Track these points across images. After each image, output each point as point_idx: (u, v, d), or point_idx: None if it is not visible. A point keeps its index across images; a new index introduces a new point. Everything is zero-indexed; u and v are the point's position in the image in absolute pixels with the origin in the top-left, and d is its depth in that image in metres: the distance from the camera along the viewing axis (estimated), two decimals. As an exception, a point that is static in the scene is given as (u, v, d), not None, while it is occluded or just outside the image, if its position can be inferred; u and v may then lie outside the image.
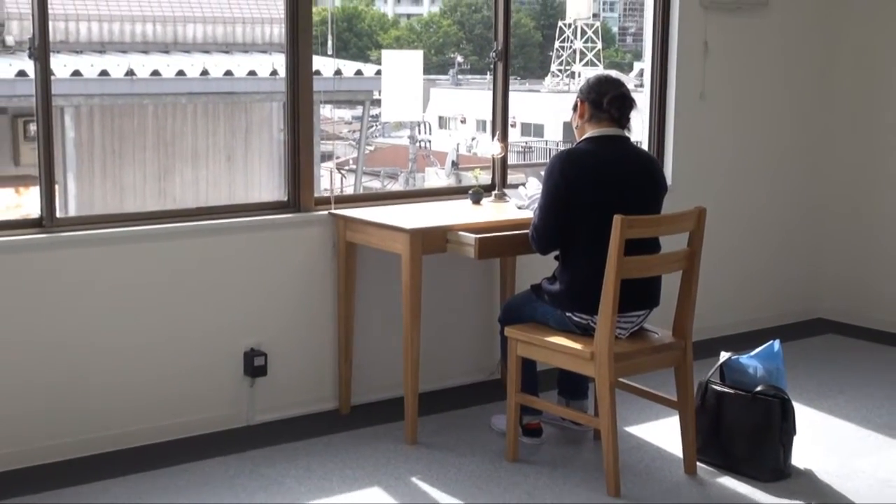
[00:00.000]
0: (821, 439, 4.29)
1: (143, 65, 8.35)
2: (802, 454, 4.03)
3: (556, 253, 3.91)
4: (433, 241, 4.13)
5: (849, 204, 6.04)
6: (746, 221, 5.83)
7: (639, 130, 5.40)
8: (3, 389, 3.82)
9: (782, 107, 5.91)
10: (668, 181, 4.53)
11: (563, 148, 4.39)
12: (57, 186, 3.98)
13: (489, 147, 4.94)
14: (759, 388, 3.89)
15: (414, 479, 3.86)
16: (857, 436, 4.37)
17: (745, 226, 5.82)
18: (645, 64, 5.72)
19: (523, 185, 4.58)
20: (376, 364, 4.58)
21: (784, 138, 5.94)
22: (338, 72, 9.27)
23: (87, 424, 3.98)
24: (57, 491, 3.69)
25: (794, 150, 5.99)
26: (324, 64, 8.64)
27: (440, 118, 18.80)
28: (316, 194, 4.50)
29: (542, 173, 3.93)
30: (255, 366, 4.29)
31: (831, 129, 6.06)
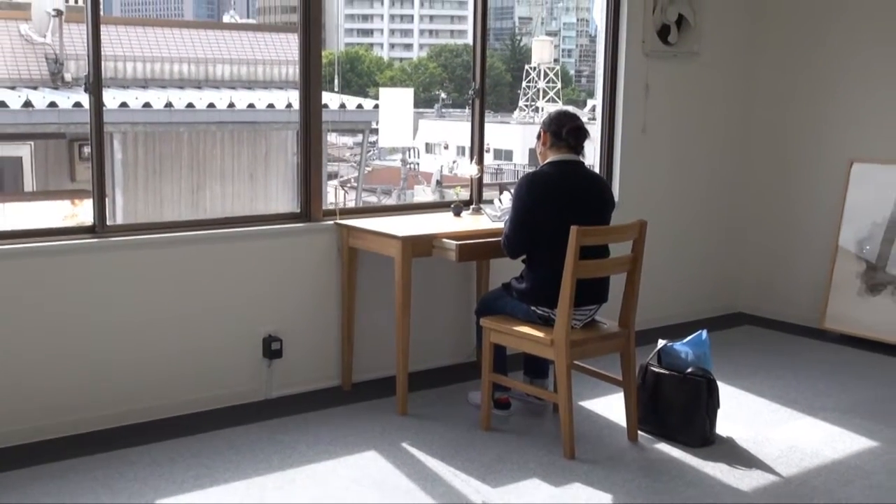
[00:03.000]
0: (740, 412, 4.31)
1: (179, 98, 8.33)
2: (725, 424, 4.06)
3: (524, 257, 3.93)
4: (421, 246, 4.14)
5: (764, 219, 6.08)
6: (679, 232, 5.85)
7: (591, 156, 5.42)
8: (65, 368, 3.81)
9: (709, 137, 5.94)
10: (616, 198, 4.56)
11: (528, 170, 4.39)
12: (107, 199, 3.96)
13: (468, 168, 4.94)
14: (689, 370, 3.91)
15: (404, 445, 3.86)
16: (769, 409, 4.39)
17: (679, 236, 5.85)
18: (597, 101, 5.73)
19: (499, 198, 4.58)
20: (373, 348, 4.57)
21: (711, 164, 5.97)
22: (342, 105, 9.26)
23: (133, 397, 3.97)
24: (108, 453, 3.67)
25: (718, 174, 6.02)
26: (331, 98, 8.64)
27: (427, 144, 18.77)
28: (323, 207, 4.49)
29: (513, 190, 3.94)
30: (272, 349, 4.29)
31: (749, 157, 6.10)
